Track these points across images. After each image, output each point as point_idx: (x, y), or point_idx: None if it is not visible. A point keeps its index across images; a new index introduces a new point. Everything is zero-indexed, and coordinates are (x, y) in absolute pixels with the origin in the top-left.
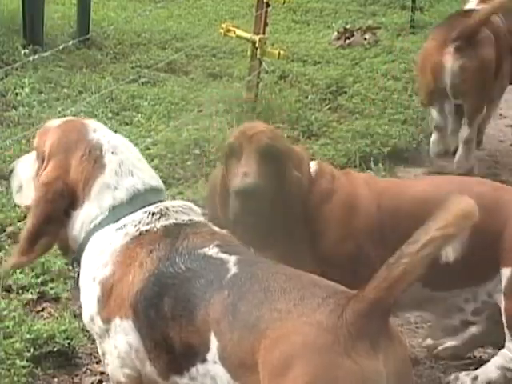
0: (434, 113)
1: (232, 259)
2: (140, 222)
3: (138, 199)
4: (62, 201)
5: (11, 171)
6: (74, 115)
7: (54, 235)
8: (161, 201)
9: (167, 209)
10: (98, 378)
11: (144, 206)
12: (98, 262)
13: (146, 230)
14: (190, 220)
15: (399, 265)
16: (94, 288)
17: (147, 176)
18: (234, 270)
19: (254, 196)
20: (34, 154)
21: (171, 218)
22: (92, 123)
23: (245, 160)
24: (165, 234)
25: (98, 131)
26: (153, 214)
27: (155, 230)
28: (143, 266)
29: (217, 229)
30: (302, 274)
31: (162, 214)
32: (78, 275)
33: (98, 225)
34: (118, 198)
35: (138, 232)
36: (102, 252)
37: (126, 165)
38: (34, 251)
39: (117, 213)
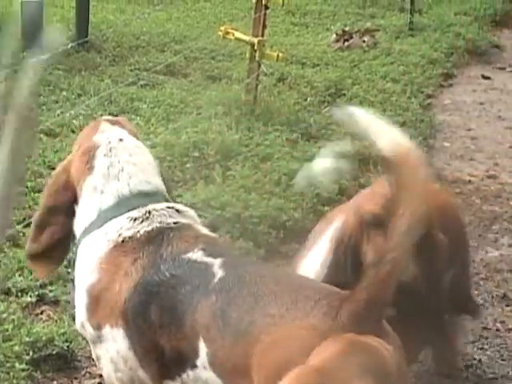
0: None
1: (217, 262)
2: (122, 228)
3: (123, 204)
4: (64, 193)
5: None
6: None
7: (59, 227)
8: (145, 205)
9: (149, 213)
10: (98, 380)
11: (128, 211)
12: (85, 268)
13: (130, 237)
14: (176, 223)
15: (385, 263)
16: (82, 294)
17: (135, 180)
18: (220, 273)
19: (406, 289)
20: None
21: (154, 222)
22: (104, 125)
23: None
24: (148, 240)
25: (106, 132)
26: (135, 219)
27: (138, 235)
28: (128, 276)
29: (203, 230)
30: (291, 275)
31: (144, 219)
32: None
33: (87, 227)
34: (104, 202)
35: (121, 238)
36: (89, 258)
37: (114, 168)
38: (39, 240)
39: (103, 217)
